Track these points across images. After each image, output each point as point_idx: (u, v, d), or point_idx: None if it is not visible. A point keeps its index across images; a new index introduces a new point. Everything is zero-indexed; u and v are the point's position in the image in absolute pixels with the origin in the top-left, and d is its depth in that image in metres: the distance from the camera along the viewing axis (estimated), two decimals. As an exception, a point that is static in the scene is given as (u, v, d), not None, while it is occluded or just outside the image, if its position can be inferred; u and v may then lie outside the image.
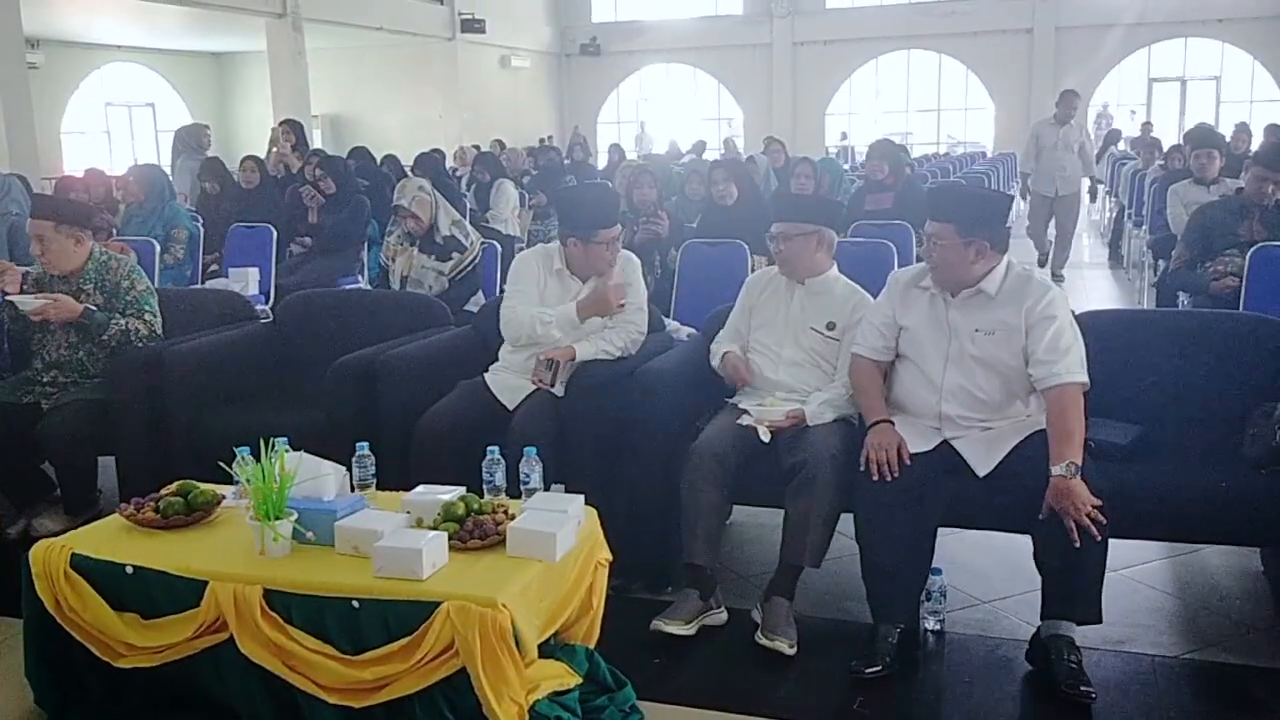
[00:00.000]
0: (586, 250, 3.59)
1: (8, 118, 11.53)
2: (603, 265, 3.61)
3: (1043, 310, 2.94)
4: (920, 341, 3.10)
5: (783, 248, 3.37)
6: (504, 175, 9.67)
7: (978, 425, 3.02)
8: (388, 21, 18.22)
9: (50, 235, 3.89)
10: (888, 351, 3.16)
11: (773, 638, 2.96)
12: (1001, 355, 2.99)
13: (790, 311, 3.40)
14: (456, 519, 2.56)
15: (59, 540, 2.64)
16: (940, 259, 3.00)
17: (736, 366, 3.39)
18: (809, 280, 3.40)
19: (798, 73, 23.46)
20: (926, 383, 3.07)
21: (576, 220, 3.63)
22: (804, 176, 7.01)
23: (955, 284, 3.03)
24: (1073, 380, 2.89)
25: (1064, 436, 2.79)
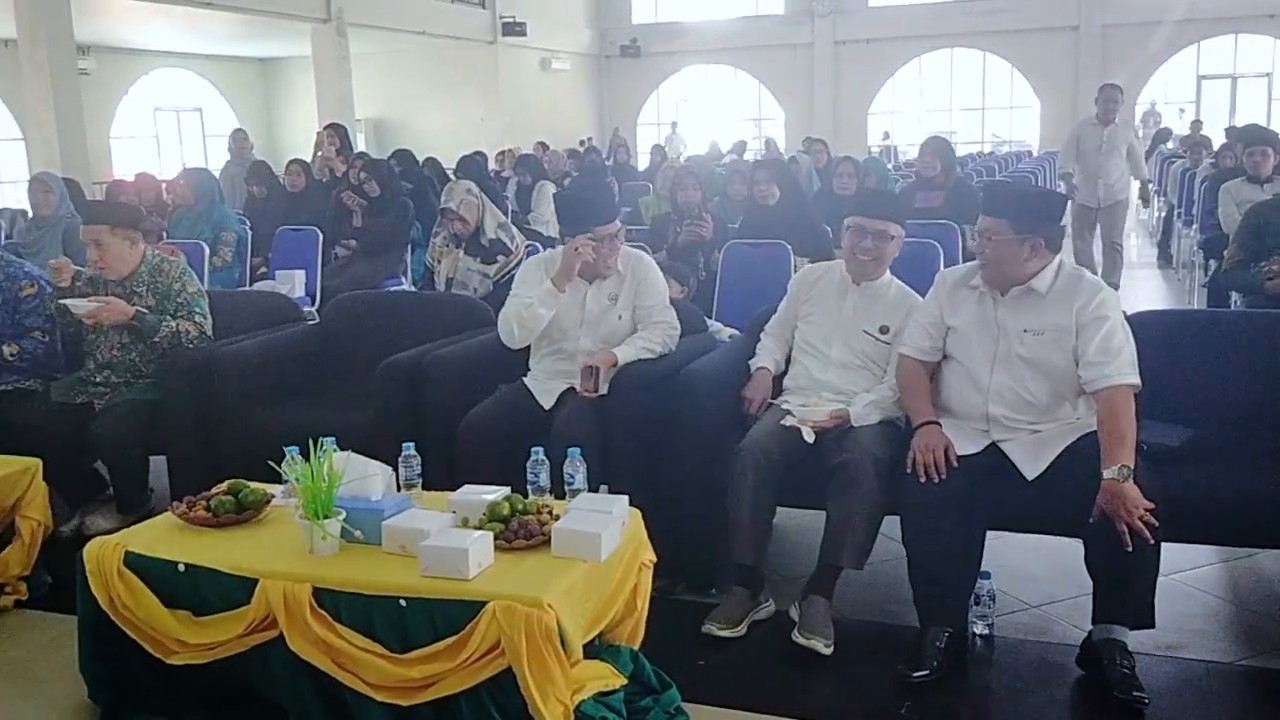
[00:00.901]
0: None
1: (60, 123, 11.76)
2: (600, 263, 3.57)
3: (1094, 310, 2.89)
4: (967, 342, 3.06)
5: (880, 244, 3.31)
6: (545, 177, 9.71)
7: (1025, 428, 2.98)
8: (430, 26, 18.36)
9: (106, 239, 3.96)
10: (934, 352, 3.13)
11: (809, 636, 2.93)
12: (1050, 356, 2.95)
13: (842, 313, 3.37)
14: (501, 519, 2.57)
15: (113, 538, 2.69)
16: (993, 255, 2.96)
17: (752, 399, 3.36)
18: (864, 283, 3.37)
19: (840, 72, 23.33)
20: (973, 384, 3.04)
21: (572, 218, 3.63)
22: (846, 175, 6.97)
23: (1006, 281, 2.99)
24: (1124, 382, 2.84)
25: (1116, 439, 2.74)
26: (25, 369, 4.09)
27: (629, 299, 3.63)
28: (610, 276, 3.63)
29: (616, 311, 3.63)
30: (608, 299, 3.63)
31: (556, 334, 3.63)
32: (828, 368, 3.34)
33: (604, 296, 3.63)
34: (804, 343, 3.43)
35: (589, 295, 3.63)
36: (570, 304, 3.62)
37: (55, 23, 11.69)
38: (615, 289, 3.64)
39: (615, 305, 3.63)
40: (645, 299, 3.63)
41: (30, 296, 4.12)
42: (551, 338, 3.65)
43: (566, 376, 3.56)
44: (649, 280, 3.66)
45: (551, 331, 3.63)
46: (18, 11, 11.64)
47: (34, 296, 4.13)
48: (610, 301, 3.63)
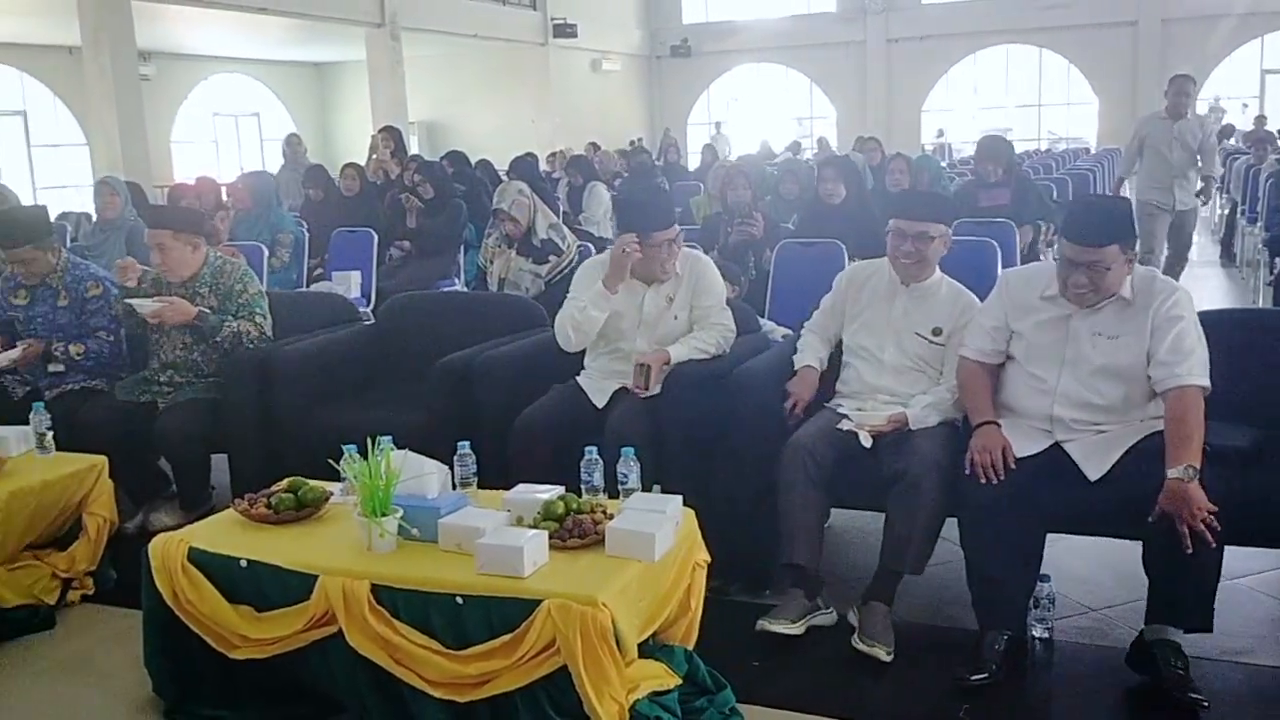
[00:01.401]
0: (644, 253, 3.56)
1: (122, 128, 12.01)
2: (657, 268, 3.57)
3: (1168, 310, 2.82)
4: (1035, 346, 2.99)
5: (920, 247, 3.24)
6: (596, 178, 9.73)
7: (1091, 429, 2.92)
8: (482, 28, 18.51)
9: (169, 243, 4.04)
10: (997, 355, 3.07)
11: (871, 644, 2.91)
12: (1123, 360, 2.87)
13: (892, 314, 3.32)
14: (556, 518, 2.58)
15: (177, 534, 2.74)
16: (1105, 284, 2.82)
17: (798, 396, 3.29)
18: (913, 284, 3.32)
19: (892, 69, 23.13)
20: (1039, 387, 2.97)
21: (631, 223, 3.62)
22: (899, 172, 6.91)
23: (1096, 301, 2.89)
24: (1194, 383, 2.77)
25: (1183, 439, 2.68)
26: (91, 368, 4.19)
27: (686, 300, 3.63)
28: (668, 280, 3.62)
29: (673, 312, 3.62)
30: (665, 300, 3.63)
31: (613, 335, 3.64)
32: (882, 372, 3.30)
33: (661, 298, 3.63)
34: (856, 346, 3.38)
35: (647, 297, 3.63)
36: (628, 306, 3.63)
37: (118, 30, 11.94)
38: (672, 290, 3.63)
39: (672, 306, 3.62)
40: (702, 299, 3.62)
41: (96, 297, 4.22)
42: (608, 338, 3.65)
43: (620, 376, 3.56)
44: (706, 281, 3.65)
45: (608, 332, 3.64)
46: (82, 19, 11.91)
47: (99, 297, 4.22)
48: (667, 303, 3.62)
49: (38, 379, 4.17)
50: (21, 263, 4.17)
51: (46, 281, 4.22)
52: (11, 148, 16.88)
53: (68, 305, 4.21)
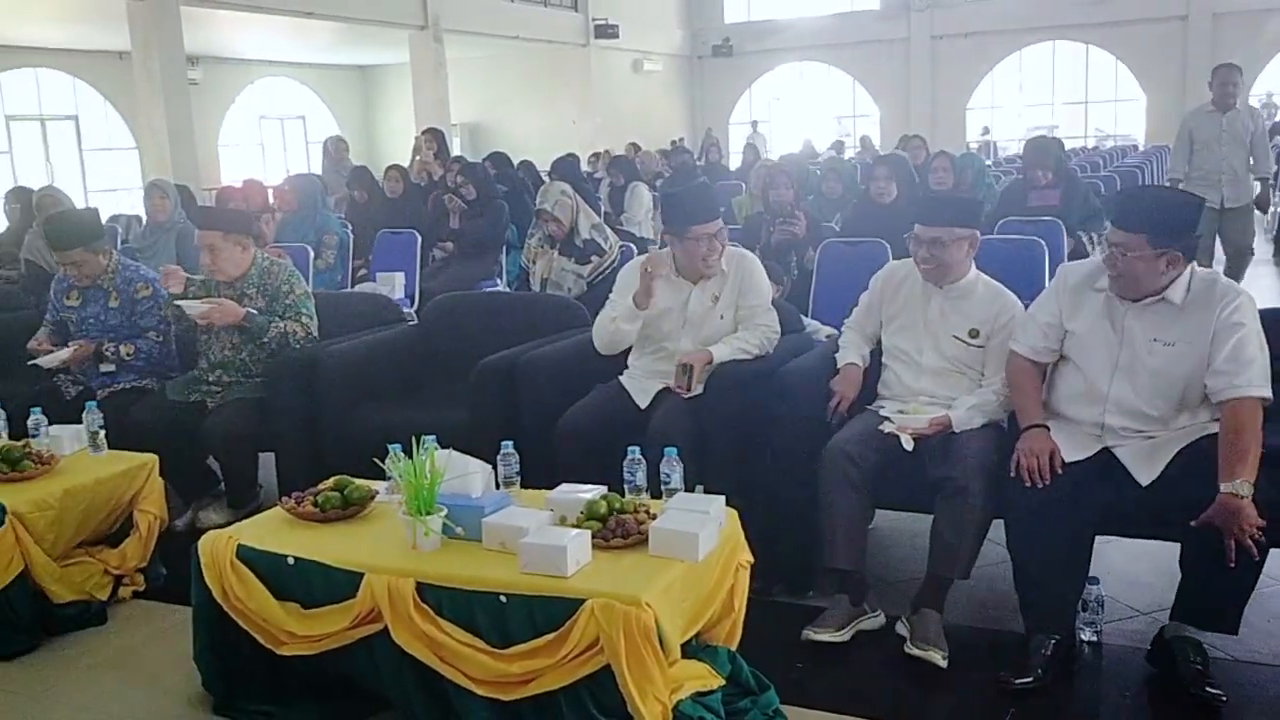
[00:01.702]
0: (684, 247, 3.56)
1: (171, 132, 12.22)
2: (699, 262, 3.55)
3: (1228, 316, 2.74)
4: (1087, 348, 2.93)
5: (936, 253, 3.19)
6: (638, 178, 9.74)
7: (1140, 436, 2.87)
8: (524, 30, 18.60)
9: (219, 244, 4.10)
10: (1049, 353, 3.02)
11: (925, 648, 2.87)
12: (1179, 368, 2.80)
13: (929, 317, 3.27)
14: (599, 517, 2.58)
15: (225, 532, 2.78)
16: (1127, 270, 2.79)
17: (842, 394, 3.27)
18: (947, 285, 3.27)
19: (937, 67, 22.92)
20: (1090, 392, 2.92)
21: (672, 217, 3.62)
22: (941, 170, 6.84)
23: (1138, 294, 2.84)
24: (1253, 394, 2.69)
25: (1238, 453, 2.60)
26: (141, 368, 4.26)
27: (731, 299, 3.60)
28: (714, 276, 3.60)
29: (718, 312, 3.60)
30: (710, 299, 3.60)
31: (657, 334, 3.64)
32: (921, 375, 3.26)
33: (707, 297, 3.61)
34: (894, 348, 3.34)
35: (692, 296, 3.61)
36: (672, 304, 3.61)
37: (167, 35, 12.14)
38: (718, 289, 3.61)
39: (717, 305, 3.60)
40: (748, 299, 3.60)
41: (146, 298, 4.29)
42: (652, 338, 3.65)
43: (663, 376, 3.56)
44: (752, 280, 3.63)
45: (652, 331, 3.64)
46: (131, 25, 12.12)
47: (149, 298, 4.29)
48: (713, 302, 3.60)
49: (90, 379, 4.25)
50: (74, 265, 4.25)
51: (98, 283, 4.30)
52: (64, 151, 17.21)
53: (118, 306, 4.28)
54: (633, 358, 3.72)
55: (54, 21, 13.94)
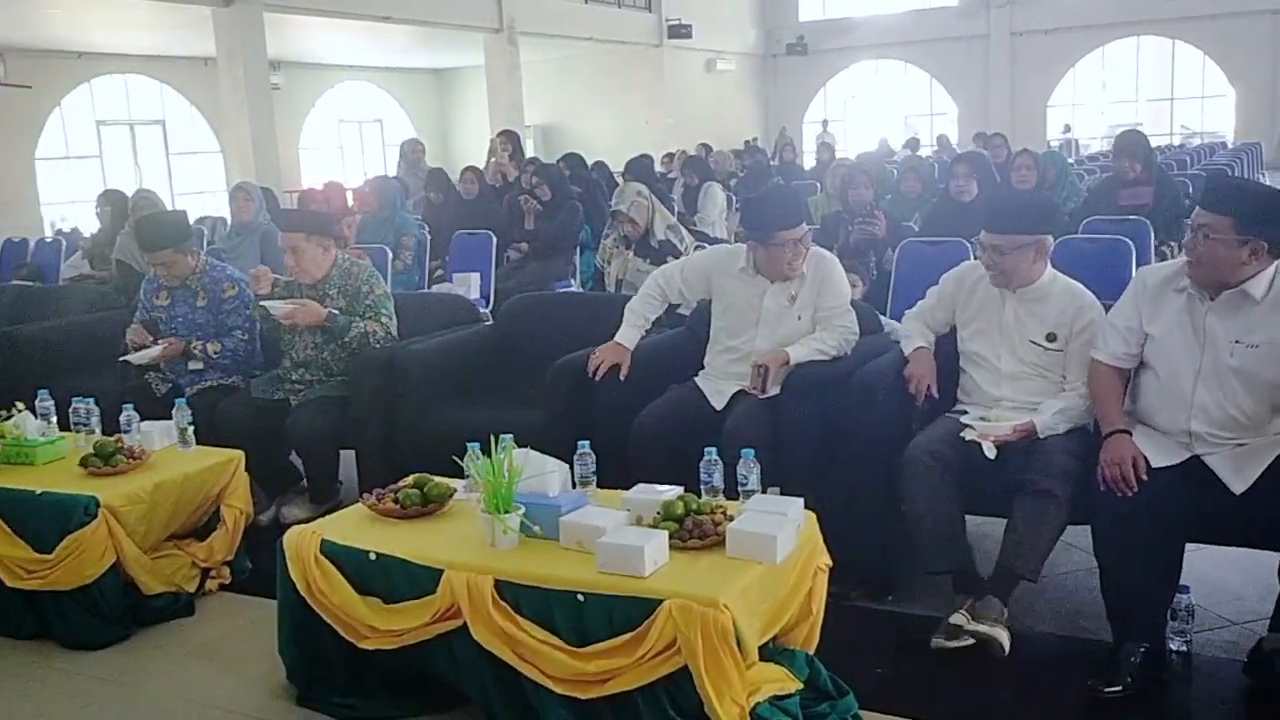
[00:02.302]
0: (768, 252, 3.52)
1: (254, 135, 12.52)
2: (783, 266, 3.52)
3: None
4: (1169, 353, 2.85)
5: (998, 260, 3.12)
6: (711, 178, 9.71)
7: (1230, 443, 2.77)
8: (597, 31, 18.69)
9: (302, 245, 4.18)
10: (1131, 359, 2.94)
11: (991, 624, 2.81)
12: (1265, 371, 2.71)
13: (1004, 321, 3.20)
14: (676, 518, 2.58)
15: (309, 527, 2.83)
16: (1208, 253, 2.71)
17: (920, 380, 3.18)
18: (1020, 289, 3.19)
19: (1016, 64, 22.52)
20: (1174, 398, 2.83)
21: (755, 222, 3.59)
22: (1024, 169, 6.70)
23: (1216, 283, 2.75)
24: None
25: None
26: (228, 366, 4.36)
27: (809, 300, 3.57)
28: (793, 278, 3.57)
29: (795, 312, 3.57)
30: (787, 299, 3.57)
31: (732, 332, 3.61)
32: (1000, 380, 3.19)
33: (783, 297, 3.58)
34: (972, 354, 3.27)
35: (768, 294, 3.58)
36: (748, 303, 3.59)
37: (250, 42, 12.44)
38: (796, 289, 3.58)
39: (794, 306, 3.57)
40: (827, 300, 3.56)
41: (232, 298, 4.39)
42: (726, 336, 3.63)
43: (738, 378, 3.54)
44: (832, 281, 3.59)
45: (727, 329, 3.62)
46: (217, 32, 12.44)
47: (235, 298, 4.39)
48: (789, 302, 3.57)
49: (179, 376, 4.36)
50: (163, 265, 4.37)
51: (186, 283, 4.41)
52: (151, 155, 17.71)
53: (205, 306, 4.39)
54: (708, 357, 3.70)
55: (143, 30, 14.36)
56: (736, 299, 3.60)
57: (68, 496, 3.23)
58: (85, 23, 13.61)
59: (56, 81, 15.75)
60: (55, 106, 15.99)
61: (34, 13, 12.76)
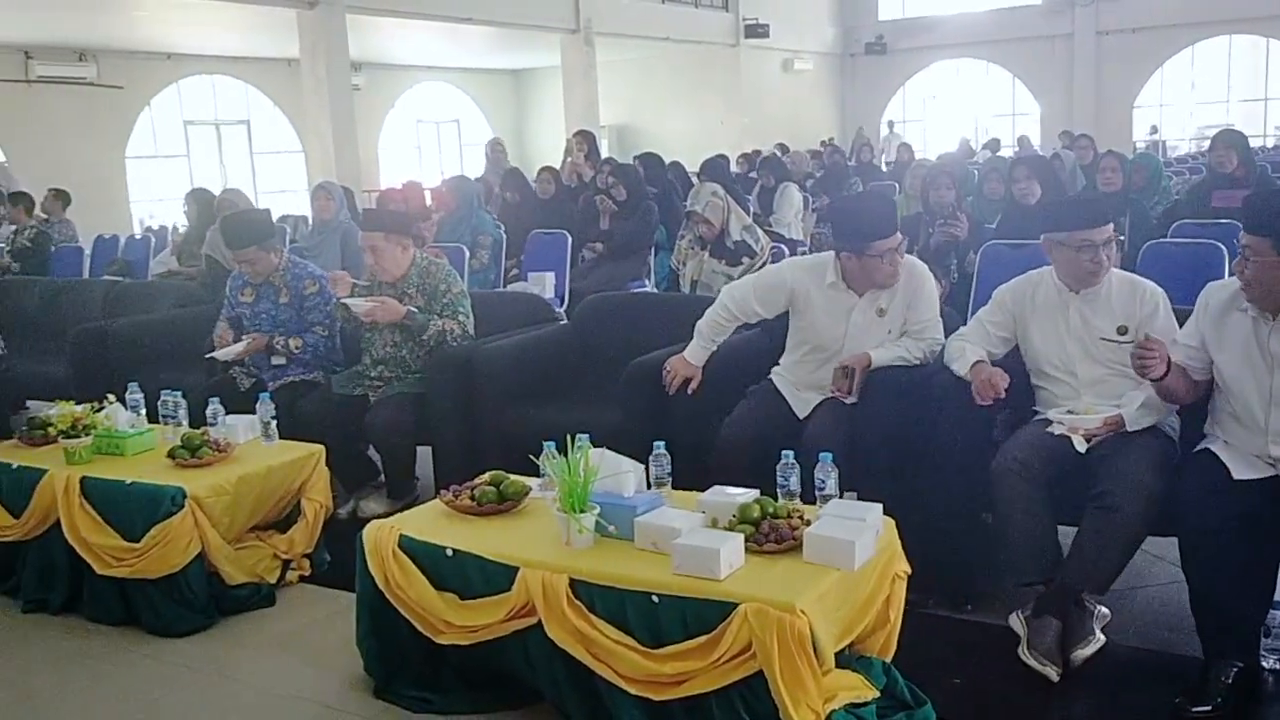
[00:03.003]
0: (861, 263, 3.40)
1: (335, 136, 12.73)
2: (881, 278, 3.42)
3: None
4: (1238, 378, 2.76)
5: (1108, 254, 3.06)
6: (788, 179, 9.64)
7: None
8: (674, 31, 18.66)
9: (381, 245, 4.24)
10: (1201, 372, 2.86)
11: (1042, 662, 2.74)
12: None
13: (1070, 325, 3.12)
14: (752, 521, 2.56)
15: (388, 522, 2.87)
16: (1254, 276, 2.64)
17: (992, 380, 3.04)
18: (1084, 290, 3.11)
19: (1102, 64, 21.96)
20: (1250, 424, 2.74)
21: (848, 232, 3.45)
22: (1110, 170, 6.55)
23: (1273, 305, 2.66)
24: None
25: None
26: (309, 361, 4.44)
27: (900, 312, 3.46)
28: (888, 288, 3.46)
29: (886, 326, 3.46)
30: (876, 313, 3.47)
31: (816, 342, 3.53)
32: (1080, 391, 3.09)
33: (872, 310, 3.47)
34: (1044, 369, 3.17)
35: (856, 309, 3.47)
36: (834, 315, 3.49)
37: (333, 43, 12.66)
38: (885, 301, 3.47)
39: (884, 319, 3.46)
40: (919, 313, 3.46)
41: (313, 295, 4.47)
42: (810, 345, 3.54)
43: (820, 389, 3.48)
44: (924, 294, 3.48)
45: (811, 339, 3.54)
46: (301, 34, 12.68)
47: (317, 294, 4.47)
48: (878, 315, 3.46)
49: (262, 371, 4.46)
50: (247, 262, 4.47)
51: (269, 280, 4.50)
52: (236, 154, 18.13)
53: (288, 303, 4.47)
54: (786, 358, 3.65)
55: (229, 31, 14.71)
56: (821, 314, 3.50)
57: (156, 487, 3.32)
58: (174, 25, 13.98)
59: (146, 82, 16.20)
60: (145, 106, 16.43)
61: (126, 15, 13.14)
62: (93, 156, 14.83)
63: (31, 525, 3.49)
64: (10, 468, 3.60)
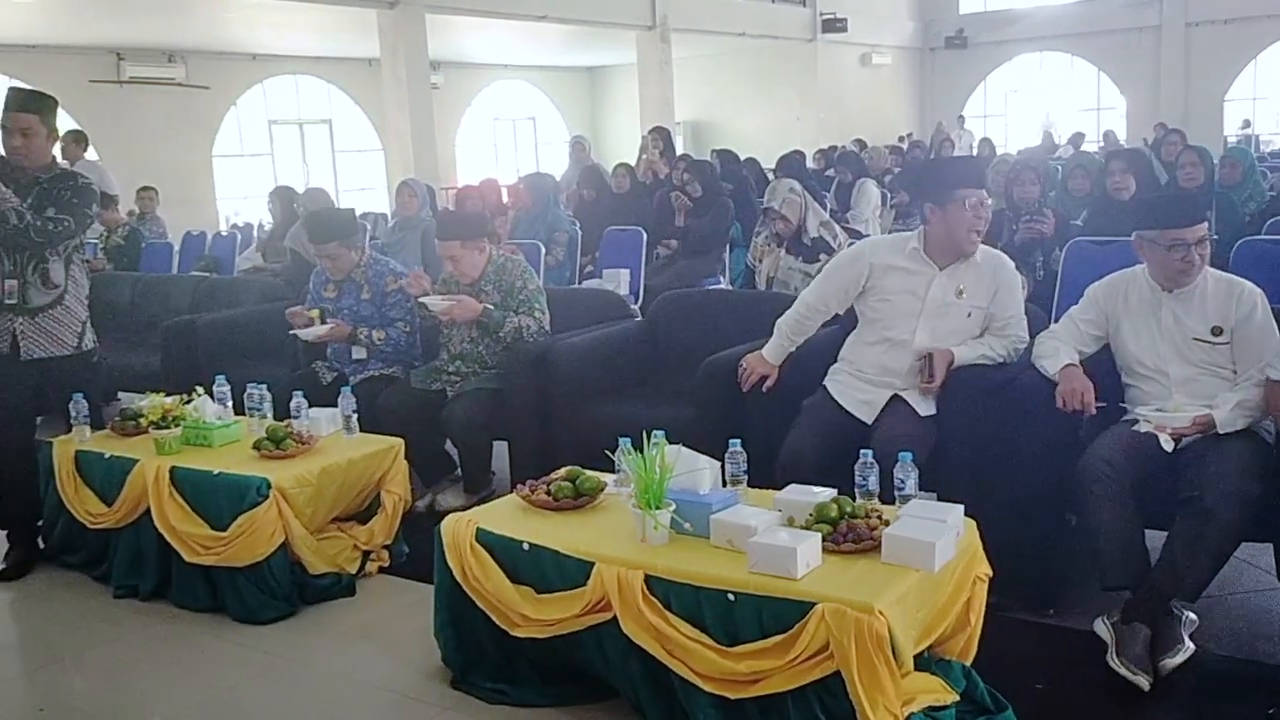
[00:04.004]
0: (945, 215, 3.28)
1: (414, 134, 12.90)
2: (961, 234, 3.27)
3: None
4: None
5: (1202, 253, 2.98)
6: (866, 174, 9.54)
7: None
8: (750, 27, 18.54)
9: (459, 253, 4.31)
10: None
11: (1132, 670, 2.66)
12: None
13: (1162, 325, 3.04)
14: (830, 521, 2.54)
15: (466, 515, 2.90)
16: None
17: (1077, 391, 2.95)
18: (1177, 289, 3.03)
19: (1191, 56, 21.31)
20: None
21: (934, 183, 3.35)
22: (1190, 165, 6.36)
23: None
24: None
25: None
26: (389, 355, 4.52)
27: (983, 300, 3.36)
28: (968, 259, 3.33)
29: (964, 308, 3.35)
30: (955, 291, 3.35)
31: (887, 323, 3.40)
32: (1171, 390, 3.02)
33: (952, 288, 3.35)
34: (1135, 367, 3.10)
35: (935, 282, 3.35)
36: (910, 290, 3.37)
37: (412, 42, 12.82)
38: (966, 281, 3.35)
39: (963, 301, 3.35)
40: (1004, 309, 3.37)
41: (394, 291, 4.54)
42: (882, 327, 3.42)
43: (886, 379, 3.38)
44: (1012, 289, 3.39)
45: (880, 316, 3.41)
46: (381, 34, 12.88)
47: (398, 291, 4.54)
48: (957, 295, 3.35)
49: (344, 366, 4.54)
50: (329, 258, 4.55)
51: (351, 276, 4.58)
52: (318, 153, 18.48)
53: (370, 299, 4.55)
54: (849, 351, 3.51)
55: (313, 32, 14.99)
56: (897, 286, 3.38)
57: (242, 477, 3.40)
58: (259, 26, 14.28)
59: (233, 82, 16.58)
60: (231, 106, 16.82)
61: (213, 17, 13.46)
62: (181, 155, 15.23)
63: (123, 513, 3.60)
64: (103, 457, 3.72)
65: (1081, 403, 2.96)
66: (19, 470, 3.88)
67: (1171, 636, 2.75)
